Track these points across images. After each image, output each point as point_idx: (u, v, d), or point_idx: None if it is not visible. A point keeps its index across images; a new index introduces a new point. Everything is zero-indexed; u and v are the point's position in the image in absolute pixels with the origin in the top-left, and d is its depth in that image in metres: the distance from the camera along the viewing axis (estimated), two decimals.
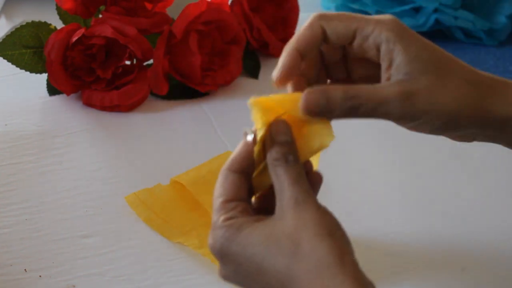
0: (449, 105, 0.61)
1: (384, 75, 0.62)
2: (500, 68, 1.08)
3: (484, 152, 0.87)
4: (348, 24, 0.62)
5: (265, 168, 0.60)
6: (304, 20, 1.12)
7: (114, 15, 0.95)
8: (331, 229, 0.57)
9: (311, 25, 0.62)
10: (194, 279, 0.74)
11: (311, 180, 0.60)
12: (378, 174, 0.87)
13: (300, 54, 0.62)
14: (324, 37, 0.62)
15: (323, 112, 0.60)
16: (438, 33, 1.13)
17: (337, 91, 0.60)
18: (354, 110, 0.60)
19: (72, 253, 0.76)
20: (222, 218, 0.58)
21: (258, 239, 0.57)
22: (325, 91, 0.60)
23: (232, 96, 0.99)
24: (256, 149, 0.59)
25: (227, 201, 0.59)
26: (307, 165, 0.62)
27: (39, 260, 0.75)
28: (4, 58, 0.96)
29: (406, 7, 1.10)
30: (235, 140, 0.61)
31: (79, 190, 0.83)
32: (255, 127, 0.60)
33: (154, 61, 0.96)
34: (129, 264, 0.75)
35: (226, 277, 0.59)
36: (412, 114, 0.61)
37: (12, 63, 0.96)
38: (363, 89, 0.61)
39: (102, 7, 0.97)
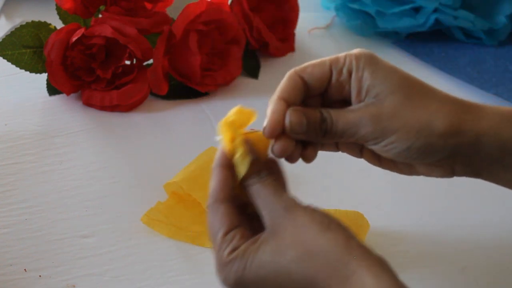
0: (419, 122, 0.62)
1: (354, 102, 0.64)
2: (500, 68, 1.07)
3: None
4: (321, 65, 0.64)
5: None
6: (304, 20, 1.12)
7: (114, 15, 0.95)
8: (327, 223, 0.58)
9: (289, 78, 0.64)
10: (194, 279, 0.74)
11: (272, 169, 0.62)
12: (378, 173, 0.87)
13: (287, 104, 0.63)
14: (305, 85, 0.64)
15: (304, 132, 0.63)
16: (438, 33, 1.13)
17: (315, 111, 0.63)
18: (328, 132, 0.63)
19: (72, 253, 0.76)
20: (226, 252, 0.59)
21: (266, 259, 0.58)
22: (306, 112, 0.63)
23: (232, 96, 0.99)
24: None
25: (225, 234, 0.60)
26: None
27: (39, 260, 0.75)
28: (4, 58, 0.96)
29: (406, 7, 1.10)
30: None
31: (79, 190, 0.84)
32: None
33: (154, 61, 0.96)
34: (129, 264, 0.75)
35: None
36: (380, 133, 0.62)
37: (12, 63, 0.96)
38: (335, 112, 0.63)
39: (102, 7, 0.97)
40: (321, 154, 0.91)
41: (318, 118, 0.63)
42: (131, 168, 0.87)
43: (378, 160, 0.67)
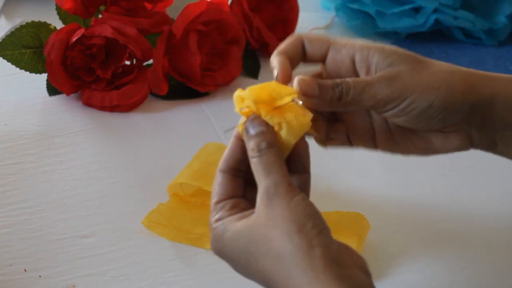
0: (438, 80, 0.63)
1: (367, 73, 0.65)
2: (500, 68, 1.08)
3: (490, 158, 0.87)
4: (323, 40, 0.65)
5: None
6: (304, 20, 1.12)
7: (114, 15, 0.95)
8: (301, 223, 0.57)
9: (291, 38, 0.65)
10: (194, 279, 0.74)
11: (295, 149, 0.61)
12: (378, 173, 0.87)
13: (289, 58, 0.64)
14: (303, 49, 0.65)
15: (316, 96, 0.62)
16: (438, 33, 1.13)
17: (325, 80, 0.63)
18: (343, 96, 0.62)
19: (72, 253, 0.76)
20: (212, 219, 0.61)
21: (241, 243, 0.58)
22: (317, 78, 0.63)
23: (232, 96, 0.99)
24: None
25: (217, 202, 0.61)
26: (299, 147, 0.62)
27: (39, 260, 0.75)
28: (4, 58, 0.96)
29: (406, 7, 1.10)
30: None
31: (79, 190, 0.84)
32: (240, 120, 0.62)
33: (154, 61, 0.96)
34: (129, 264, 0.75)
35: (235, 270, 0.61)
36: (400, 94, 0.62)
37: (12, 63, 0.96)
38: (350, 79, 0.63)
39: (102, 7, 0.97)
40: (322, 155, 0.91)
41: (330, 82, 0.63)
42: (131, 168, 0.87)
43: (393, 143, 0.67)
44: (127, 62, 0.97)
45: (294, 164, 0.61)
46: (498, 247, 0.78)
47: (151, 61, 0.98)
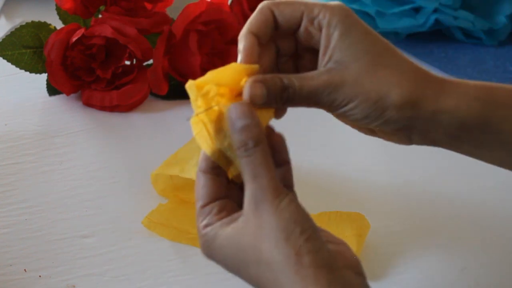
0: (377, 93, 0.62)
1: (320, 61, 0.63)
2: (500, 68, 1.08)
3: None
4: (295, 8, 0.63)
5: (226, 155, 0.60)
6: None
7: (114, 15, 0.95)
8: (289, 230, 0.56)
9: (261, 10, 0.63)
10: (193, 279, 0.74)
11: (271, 144, 0.60)
12: (379, 174, 0.87)
13: (256, 37, 0.62)
14: (275, 21, 0.63)
15: (264, 103, 0.61)
16: (438, 33, 1.13)
17: (275, 80, 0.61)
18: (290, 100, 0.62)
19: (72, 253, 0.76)
20: (201, 225, 0.60)
21: (231, 251, 0.58)
22: (265, 81, 0.61)
23: None
24: (208, 137, 0.59)
25: (202, 206, 0.60)
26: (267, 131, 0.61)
27: (39, 260, 0.75)
28: (4, 58, 0.96)
29: (406, 7, 1.10)
30: None
31: (79, 190, 0.84)
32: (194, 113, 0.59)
33: (154, 61, 0.96)
34: (129, 264, 0.75)
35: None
36: (341, 101, 0.62)
37: (12, 63, 0.96)
38: (297, 79, 0.62)
39: (102, 7, 0.97)
40: (322, 156, 0.91)
41: (279, 87, 0.61)
42: (131, 168, 0.87)
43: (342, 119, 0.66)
44: (127, 62, 0.97)
45: (274, 158, 0.59)
46: (498, 247, 0.78)
47: (151, 61, 0.98)
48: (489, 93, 0.63)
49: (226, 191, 0.61)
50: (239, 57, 0.62)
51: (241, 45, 0.62)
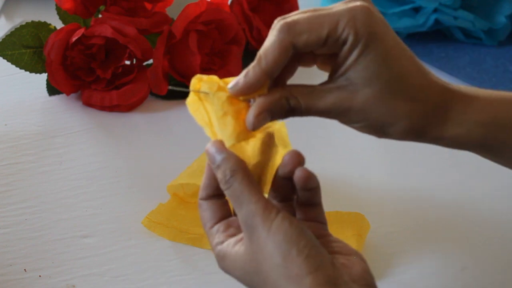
0: (383, 121, 0.62)
1: (334, 67, 0.62)
2: (500, 68, 1.08)
3: None
4: (319, 33, 0.60)
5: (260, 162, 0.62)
6: None
7: (114, 15, 0.95)
8: (286, 253, 0.56)
9: (280, 44, 0.60)
10: (194, 279, 0.74)
11: (308, 188, 0.62)
12: (379, 174, 0.87)
13: (269, 77, 0.61)
14: (294, 51, 0.61)
15: (268, 120, 0.62)
16: (438, 33, 1.13)
17: (281, 102, 0.61)
18: (296, 114, 0.62)
19: (72, 253, 0.76)
20: (213, 245, 0.62)
21: (239, 273, 0.60)
22: (270, 107, 0.61)
23: None
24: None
25: (210, 228, 0.62)
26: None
27: (39, 260, 0.75)
28: (4, 58, 0.96)
29: (406, 7, 1.10)
30: None
31: (79, 190, 0.84)
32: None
33: (154, 61, 0.96)
34: (129, 264, 0.75)
35: None
36: (346, 121, 0.63)
37: (12, 63, 0.96)
38: (303, 98, 0.61)
39: (102, 7, 0.97)
40: (322, 155, 0.91)
41: (285, 110, 0.61)
42: (131, 168, 0.87)
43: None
44: (127, 62, 0.97)
45: (310, 200, 0.64)
46: (498, 247, 0.78)
47: (151, 61, 0.98)
48: (494, 116, 0.63)
49: (229, 210, 0.63)
50: (235, 85, 0.61)
51: (247, 80, 0.61)
